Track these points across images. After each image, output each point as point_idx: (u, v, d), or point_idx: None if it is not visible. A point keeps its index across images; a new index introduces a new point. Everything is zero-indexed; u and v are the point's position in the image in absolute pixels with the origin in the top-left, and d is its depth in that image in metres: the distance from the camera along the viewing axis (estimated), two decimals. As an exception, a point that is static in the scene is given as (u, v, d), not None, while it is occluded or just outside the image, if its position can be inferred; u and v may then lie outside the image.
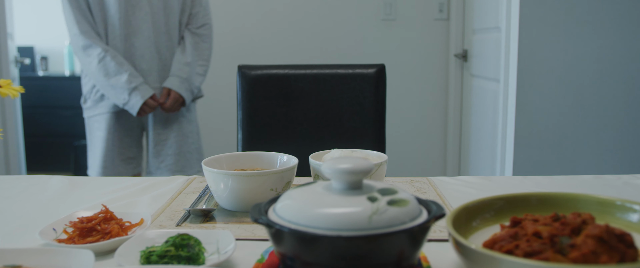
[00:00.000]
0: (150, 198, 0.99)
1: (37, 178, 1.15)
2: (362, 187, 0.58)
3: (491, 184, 1.08)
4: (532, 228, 0.58)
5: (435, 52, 3.19)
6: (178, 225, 0.83)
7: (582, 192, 0.82)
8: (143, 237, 0.70)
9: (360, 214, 0.53)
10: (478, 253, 0.53)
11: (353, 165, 0.57)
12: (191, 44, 2.05)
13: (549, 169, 2.15)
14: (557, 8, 2.08)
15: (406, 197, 0.58)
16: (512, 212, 0.69)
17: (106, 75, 1.92)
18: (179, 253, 0.64)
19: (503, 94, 2.31)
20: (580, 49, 2.09)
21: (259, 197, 0.86)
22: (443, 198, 0.96)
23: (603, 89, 2.11)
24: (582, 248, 0.53)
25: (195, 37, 2.07)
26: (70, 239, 0.74)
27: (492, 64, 2.51)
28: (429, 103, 3.24)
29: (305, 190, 0.59)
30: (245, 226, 0.82)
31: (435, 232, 0.78)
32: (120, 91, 1.93)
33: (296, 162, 0.93)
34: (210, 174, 0.88)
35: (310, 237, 0.53)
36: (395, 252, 0.54)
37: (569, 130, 2.14)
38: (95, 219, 0.77)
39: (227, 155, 1.00)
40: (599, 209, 0.69)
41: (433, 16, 3.17)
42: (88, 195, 1.02)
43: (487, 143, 2.62)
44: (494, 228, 0.68)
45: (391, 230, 0.53)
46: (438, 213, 0.57)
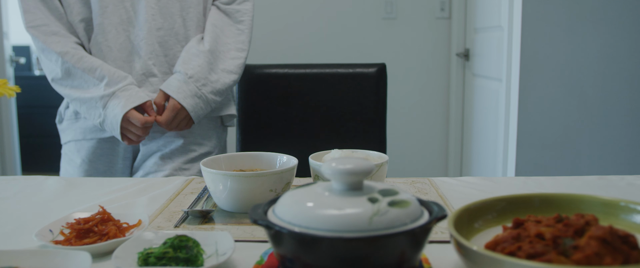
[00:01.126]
0: (148, 199, 0.99)
1: (33, 179, 1.15)
2: (362, 188, 0.58)
3: (493, 185, 1.08)
4: (535, 229, 0.58)
5: (437, 51, 3.19)
6: (176, 226, 0.83)
7: (585, 193, 0.82)
8: (141, 239, 0.70)
9: (361, 215, 0.53)
10: (480, 255, 0.53)
11: (353, 165, 0.57)
12: (217, 25, 1.36)
13: (551, 170, 2.15)
14: (561, 6, 2.08)
15: (407, 198, 0.58)
16: (514, 213, 0.69)
17: (72, 86, 1.31)
18: (177, 255, 0.64)
19: (505, 94, 2.31)
20: (584, 47, 2.09)
21: (258, 198, 0.86)
22: (445, 199, 0.96)
23: (607, 88, 2.11)
24: (585, 250, 0.53)
25: (226, 17, 1.38)
26: (67, 241, 0.74)
27: (494, 63, 2.51)
28: (431, 103, 3.24)
29: (305, 191, 0.59)
30: (244, 227, 0.82)
31: (437, 234, 0.78)
32: (92, 103, 1.29)
33: (296, 163, 0.93)
34: (208, 175, 0.88)
35: (310, 239, 0.53)
36: (396, 254, 0.54)
37: (572, 130, 2.14)
38: (92, 220, 0.77)
39: (226, 156, 1.00)
40: (603, 210, 0.69)
41: (434, 15, 3.17)
42: (85, 196, 1.02)
43: (489, 144, 2.62)
44: (496, 229, 0.68)
45: (392, 232, 0.53)
46: (439, 215, 0.57)
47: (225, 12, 1.38)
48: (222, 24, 1.36)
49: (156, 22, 1.32)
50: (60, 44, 1.28)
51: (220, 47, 1.34)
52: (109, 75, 1.27)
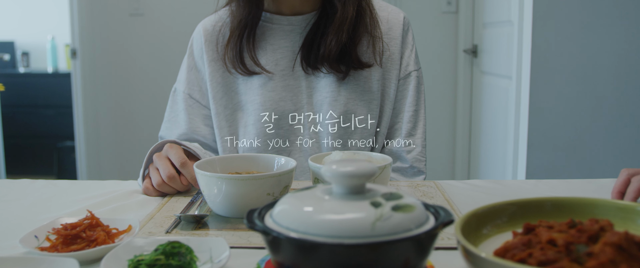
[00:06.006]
0: (138, 203, 0.99)
1: (18, 182, 1.15)
2: (364, 192, 0.58)
3: (503, 188, 1.08)
4: (547, 235, 0.58)
5: (443, 47, 3.20)
6: (168, 232, 0.83)
7: (599, 196, 0.82)
8: (131, 245, 0.70)
9: (363, 220, 0.53)
10: (489, 262, 0.53)
11: (355, 168, 0.57)
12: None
13: (564, 172, 2.15)
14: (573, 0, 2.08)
15: (412, 202, 0.58)
16: (525, 218, 0.69)
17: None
18: (169, 262, 0.64)
19: (515, 92, 2.31)
20: (599, 43, 2.09)
21: (254, 202, 0.86)
22: (451, 203, 0.96)
23: (622, 86, 2.11)
24: (599, 257, 0.53)
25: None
26: (53, 247, 0.74)
27: (504, 60, 2.51)
28: (437, 102, 3.24)
29: (304, 195, 0.59)
30: (240, 233, 0.82)
31: (443, 240, 0.78)
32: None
33: (294, 165, 0.93)
34: (202, 178, 0.88)
35: (309, 245, 0.53)
36: (401, 261, 0.54)
37: (585, 131, 2.14)
38: (79, 226, 0.77)
39: (221, 158, 1.00)
40: (618, 215, 0.69)
41: (441, 9, 3.17)
42: (72, 200, 1.02)
43: (498, 145, 2.62)
44: (505, 235, 0.68)
45: (396, 238, 0.53)
46: (446, 220, 0.57)
47: None
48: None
49: None
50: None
51: None
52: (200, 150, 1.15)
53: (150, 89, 3.42)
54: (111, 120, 3.50)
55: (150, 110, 3.41)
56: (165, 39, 3.36)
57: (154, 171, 1.03)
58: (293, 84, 1.23)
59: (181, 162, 1.01)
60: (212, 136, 1.28)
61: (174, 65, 2.45)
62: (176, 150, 1.04)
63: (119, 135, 3.51)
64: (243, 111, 1.25)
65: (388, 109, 1.25)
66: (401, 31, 1.27)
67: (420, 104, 1.27)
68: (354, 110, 1.22)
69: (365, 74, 1.23)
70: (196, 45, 1.29)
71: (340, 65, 1.21)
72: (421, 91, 1.28)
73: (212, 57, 1.26)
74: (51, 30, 4.45)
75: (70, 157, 3.78)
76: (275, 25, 1.25)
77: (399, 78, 1.26)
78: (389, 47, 1.25)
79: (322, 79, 1.23)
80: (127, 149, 3.50)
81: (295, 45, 1.24)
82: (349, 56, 1.20)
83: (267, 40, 1.25)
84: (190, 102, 1.28)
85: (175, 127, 1.28)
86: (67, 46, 4.32)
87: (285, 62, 1.24)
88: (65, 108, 3.99)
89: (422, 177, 1.25)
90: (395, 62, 1.25)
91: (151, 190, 1.03)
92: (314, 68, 1.22)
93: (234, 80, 1.25)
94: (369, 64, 1.22)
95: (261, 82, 1.23)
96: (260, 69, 1.22)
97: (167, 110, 1.32)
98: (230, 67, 1.23)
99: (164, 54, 3.36)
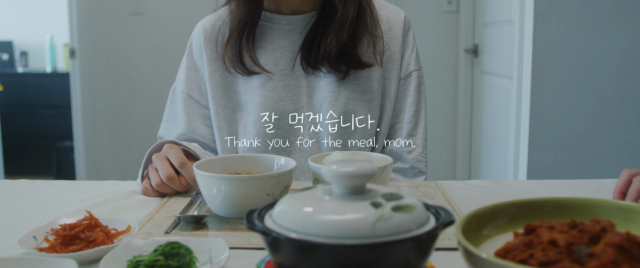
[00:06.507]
0: (137, 204, 0.99)
1: (16, 182, 1.15)
2: (365, 192, 0.58)
3: (504, 189, 1.08)
4: (548, 236, 0.58)
5: (444, 47, 3.19)
6: (167, 232, 0.83)
7: (601, 197, 0.82)
8: (130, 246, 0.70)
9: (363, 221, 0.53)
10: (490, 262, 0.53)
11: (355, 168, 0.57)
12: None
13: (565, 173, 2.15)
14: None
15: (412, 202, 0.58)
16: (526, 218, 0.69)
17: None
18: (168, 263, 0.64)
19: (516, 92, 2.31)
20: (600, 43, 2.09)
21: (254, 203, 0.86)
22: (452, 203, 0.96)
23: (623, 86, 2.11)
24: (601, 258, 0.53)
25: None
26: (52, 248, 0.74)
27: (505, 59, 2.51)
28: (437, 101, 3.24)
29: (304, 195, 0.59)
30: (239, 234, 0.82)
31: (444, 240, 0.78)
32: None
33: (294, 165, 0.93)
34: (202, 178, 0.88)
35: (309, 246, 0.53)
36: (401, 262, 0.54)
37: (587, 131, 2.14)
38: (78, 226, 0.77)
39: (221, 158, 1.00)
40: (620, 216, 0.69)
41: (441, 8, 3.17)
42: (71, 200, 1.02)
43: (499, 145, 2.62)
44: (506, 236, 0.68)
45: (396, 238, 0.53)
46: (447, 220, 0.57)
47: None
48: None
49: None
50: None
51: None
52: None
53: (150, 89, 3.41)
54: (110, 120, 3.50)
55: (149, 110, 3.41)
56: (164, 38, 3.36)
57: (153, 171, 1.04)
58: (293, 83, 1.23)
59: (180, 163, 1.01)
60: (212, 136, 1.28)
61: (173, 64, 2.45)
62: (175, 150, 1.04)
63: (118, 135, 3.50)
64: (243, 111, 1.25)
65: (388, 109, 1.25)
66: (402, 31, 1.27)
67: (421, 104, 1.27)
68: (354, 110, 1.21)
69: (365, 73, 1.23)
70: (195, 44, 1.29)
71: (340, 65, 1.20)
72: (422, 91, 1.27)
73: (212, 57, 1.26)
74: (50, 30, 4.45)
75: (69, 157, 3.78)
76: (275, 25, 1.25)
77: (399, 78, 1.26)
78: (390, 46, 1.25)
79: (322, 79, 1.22)
80: (126, 149, 3.50)
81: (295, 44, 1.24)
82: (349, 56, 1.20)
83: (267, 40, 1.25)
84: (190, 102, 1.28)
85: (174, 127, 1.28)
86: (65, 46, 4.32)
87: (285, 61, 1.23)
88: (63, 108, 3.99)
89: (423, 177, 1.25)
90: (396, 62, 1.25)
91: (150, 190, 1.03)
92: (314, 68, 1.22)
93: (233, 80, 1.25)
94: (370, 63, 1.22)
95: (261, 81, 1.23)
96: (260, 68, 1.22)
97: (166, 110, 1.32)
98: (230, 66, 1.23)
99: (163, 54, 3.36)
